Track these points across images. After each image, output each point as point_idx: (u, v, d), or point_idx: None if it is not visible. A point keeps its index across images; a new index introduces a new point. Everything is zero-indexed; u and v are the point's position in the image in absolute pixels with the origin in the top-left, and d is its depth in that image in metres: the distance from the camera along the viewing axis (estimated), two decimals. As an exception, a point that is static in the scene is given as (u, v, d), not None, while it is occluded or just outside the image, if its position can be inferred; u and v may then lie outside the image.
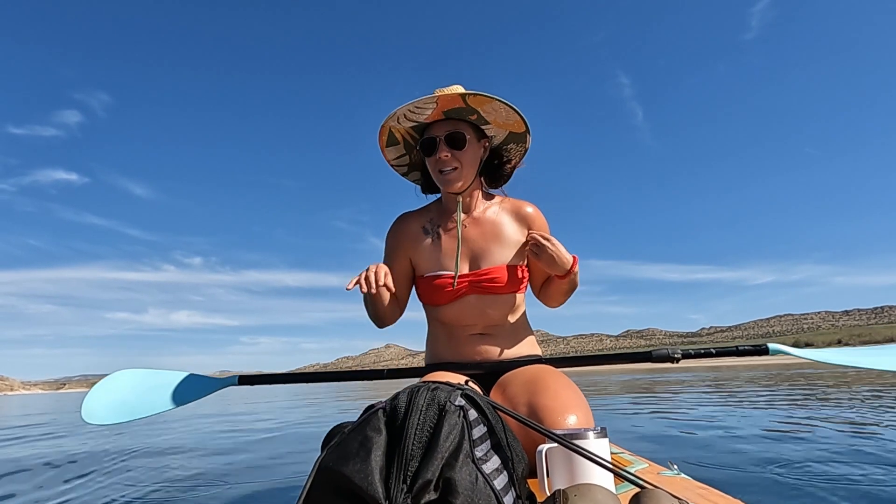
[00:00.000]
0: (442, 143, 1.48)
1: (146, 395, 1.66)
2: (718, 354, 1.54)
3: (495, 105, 1.45)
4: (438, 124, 1.50)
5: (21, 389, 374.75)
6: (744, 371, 17.38)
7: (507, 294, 1.54)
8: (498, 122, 1.51)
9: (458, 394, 0.81)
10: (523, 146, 1.60)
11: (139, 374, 1.75)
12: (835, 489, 2.19)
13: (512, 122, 1.52)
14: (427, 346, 1.67)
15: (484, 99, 1.43)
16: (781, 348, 1.56)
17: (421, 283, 1.59)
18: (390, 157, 1.61)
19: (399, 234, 1.62)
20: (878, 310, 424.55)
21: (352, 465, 0.71)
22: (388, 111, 1.45)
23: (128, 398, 1.65)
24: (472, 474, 0.72)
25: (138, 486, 3.06)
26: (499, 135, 1.56)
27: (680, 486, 1.10)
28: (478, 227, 1.56)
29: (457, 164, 1.49)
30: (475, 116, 1.49)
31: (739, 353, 1.52)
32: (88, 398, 1.63)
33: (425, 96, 1.42)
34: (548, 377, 1.36)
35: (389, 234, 1.64)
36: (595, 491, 0.75)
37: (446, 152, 1.48)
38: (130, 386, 1.70)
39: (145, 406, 1.63)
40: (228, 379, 1.70)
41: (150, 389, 1.68)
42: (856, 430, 3.91)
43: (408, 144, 1.59)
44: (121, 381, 1.72)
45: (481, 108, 1.46)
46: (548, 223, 1.60)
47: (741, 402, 6.93)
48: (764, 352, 1.51)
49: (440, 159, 1.48)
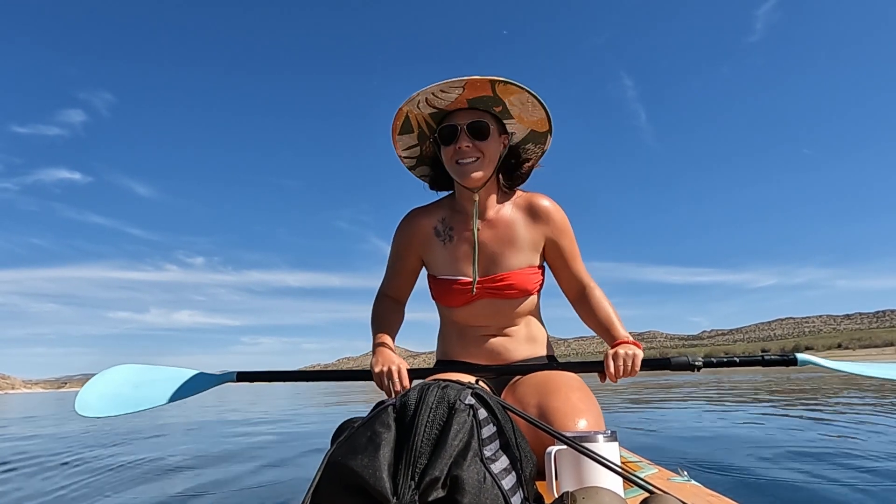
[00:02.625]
0: (463, 131, 1.39)
1: (142, 389, 1.65)
2: (742, 364, 1.45)
3: (523, 97, 1.38)
4: (461, 113, 1.41)
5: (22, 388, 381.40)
6: (755, 373, 17.17)
7: (521, 297, 1.51)
8: (522, 117, 1.44)
9: (469, 393, 0.81)
10: (542, 147, 1.53)
11: (137, 368, 1.73)
12: (847, 496, 2.15)
13: (535, 120, 1.45)
14: (438, 342, 1.67)
15: (513, 89, 1.36)
16: (811, 359, 1.46)
17: (434, 284, 1.56)
18: (401, 147, 1.52)
19: (409, 234, 1.57)
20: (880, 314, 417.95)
21: (360, 460, 0.71)
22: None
23: (123, 392, 1.63)
24: (480, 473, 0.72)
25: (142, 481, 3.10)
26: (519, 132, 1.48)
27: (689, 493, 1.09)
28: (493, 230, 1.50)
29: (478, 154, 1.40)
30: (500, 108, 1.41)
31: (765, 363, 1.43)
32: (84, 391, 1.61)
33: (453, 79, 1.33)
34: (559, 379, 1.35)
35: (399, 233, 1.59)
36: (603, 494, 0.74)
37: (468, 142, 1.39)
38: (127, 380, 1.68)
39: (140, 400, 1.61)
40: (226, 375, 1.67)
41: (146, 384, 1.66)
42: (868, 436, 3.84)
43: (422, 134, 1.49)
44: (117, 374, 1.70)
45: (508, 98, 1.38)
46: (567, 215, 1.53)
47: (752, 408, 6.84)
48: (792, 362, 1.43)
49: (460, 149, 1.40)
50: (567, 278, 1.56)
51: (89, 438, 5.38)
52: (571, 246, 1.54)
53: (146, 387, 1.66)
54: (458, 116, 1.41)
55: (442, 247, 1.53)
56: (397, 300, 1.65)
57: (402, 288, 1.64)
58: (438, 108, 1.41)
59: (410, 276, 1.62)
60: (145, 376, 1.70)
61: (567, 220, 1.52)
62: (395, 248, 1.60)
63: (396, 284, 1.64)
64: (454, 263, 1.51)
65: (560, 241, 1.51)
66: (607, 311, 1.50)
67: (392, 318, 1.60)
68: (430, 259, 1.57)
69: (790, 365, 1.43)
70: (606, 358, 1.36)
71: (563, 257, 1.53)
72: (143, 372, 1.72)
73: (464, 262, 1.50)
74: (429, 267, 1.59)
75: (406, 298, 1.67)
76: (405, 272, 1.61)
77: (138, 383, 1.67)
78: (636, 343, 1.40)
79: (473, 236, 1.48)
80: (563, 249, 1.52)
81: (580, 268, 1.56)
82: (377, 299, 1.66)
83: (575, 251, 1.55)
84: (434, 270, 1.56)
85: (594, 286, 1.56)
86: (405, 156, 1.56)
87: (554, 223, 1.50)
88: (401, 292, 1.65)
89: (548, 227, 1.50)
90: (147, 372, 1.72)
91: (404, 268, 1.60)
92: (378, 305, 1.63)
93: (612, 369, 1.34)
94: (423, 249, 1.57)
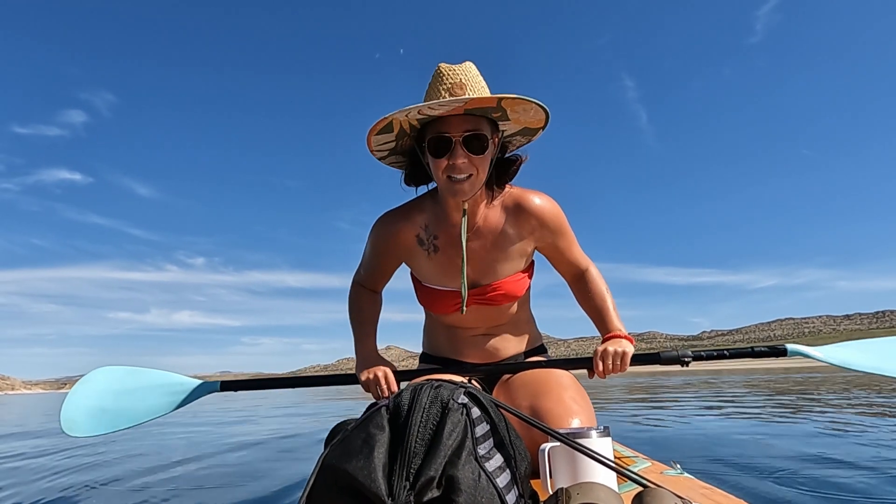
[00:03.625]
0: (459, 145, 1.23)
1: (126, 400, 1.58)
2: (732, 356, 1.45)
3: (528, 107, 1.25)
4: (455, 120, 1.23)
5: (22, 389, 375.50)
6: (746, 372, 17.34)
7: (510, 303, 1.49)
8: (520, 119, 1.30)
9: (461, 392, 0.81)
10: (529, 139, 1.39)
11: (117, 372, 1.66)
12: (840, 489, 2.18)
13: (532, 120, 1.31)
14: (424, 334, 1.63)
15: (519, 101, 1.22)
16: (801, 349, 1.46)
17: (420, 290, 1.51)
18: (375, 144, 1.33)
19: (389, 241, 1.45)
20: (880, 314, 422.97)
21: (355, 463, 0.71)
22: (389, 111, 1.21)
23: (107, 405, 1.56)
24: (475, 472, 0.72)
25: (135, 488, 3.07)
26: (510, 129, 1.34)
27: (683, 486, 1.10)
28: (480, 240, 1.40)
29: (473, 170, 1.25)
30: (499, 114, 1.27)
31: (755, 354, 1.43)
32: (66, 406, 1.52)
33: (456, 97, 1.19)
34: (551, 377, 1.36)
35: (376, 237, 1.47)
36: (598, 489, 0.75)
37: (463, 157, 1.23)
38: (108, 388, 1.61)
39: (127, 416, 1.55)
40: (211, 384, 1.60)
41: (129, 393, 1.60)
42: (859, 431, 3.89)
43: (401, 132, 1.31)
44: (98, 382, 1.62)
45: (511, 108, 1.25)
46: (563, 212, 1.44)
47: (743, 402, 6.91)
48: (781, 353, 1.41)
49: (455, 165, 1.23)
50: (564, 265, 1.52)
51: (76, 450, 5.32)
52: (566, 240, 1.47)
53: (130, 397, 1.59)
54: (452, 124, 1.24)
55: (426, 257, 1.44)
56: (374, 290, 1.59)
57: (378, 282, 1.58)
58: (429, 116, 1.24)
59: (388, 272, 1.55)
60: (127, 383, 1.63)
61: (560, 216, 1.43)
62: (372, 249, 1.50)
63: (373, 279, 1.57)
64: (441, 276, 1.44)
65: (553, 239, 1.45)
66: (602, 298, 1.48)
67: (371, 311, 1.55)
68: (414, 266, 1.51)
69: (780, 356, 1.42)
70: (595, 355, 1.36)
71: (558, 251, 1.48)
72: (124, 377, 1.65)
73: (451, 275, 1.43)
74: (413, 271, 1.53)
75: (382, 288, 1.60)
76: (382, 269, 1.54)
77: (120, 391, 1.60)
78: (627, 337, 1.39)
79: (462, 253, 1.36)
80: (557, 245, 1.46)
81: (577, 255, 1.51)
82: (354, 289, 1.58)
83: (570, 243, 1.48)
84: (419, 277, 1.50)
85: (591, 268, 1.53)
86: (376, 149, 1.36)
87: (545, 225, 1.41)
88: (377, 285, 1.58)
89: (538, 229, 1.42)
90: (128, 377, 1.65)
91: (381, 266, 1.53)
92: (355, 296, 1.57)
93: (601, 368, 1.33)
94: (406, 257, 1.49)
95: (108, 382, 1.63)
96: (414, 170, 1.40)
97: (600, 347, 1.36)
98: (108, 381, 1.63)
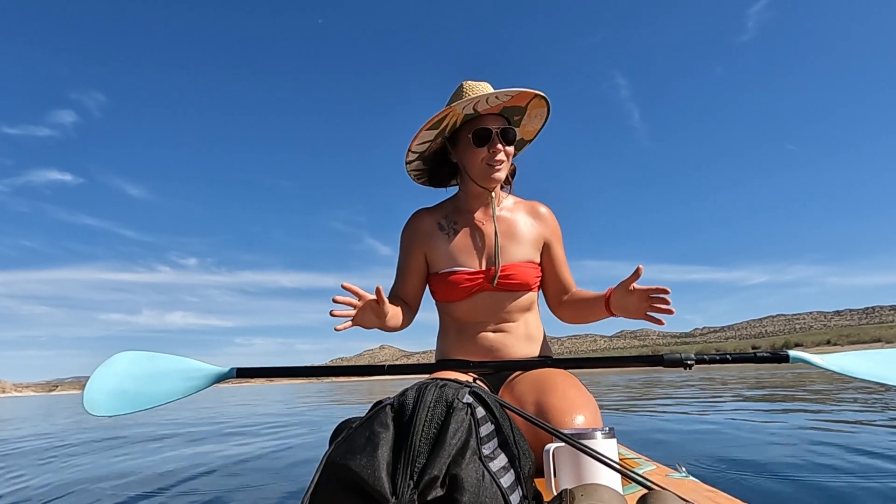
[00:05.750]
0: (497, 136, 1.47)
1: (145, 383, 1.64)
2: (735, 361, 1.46)
3: (541, 112, 1.54)
4: (490, 117, 1.49)
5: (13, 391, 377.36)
6: (751, 373, 17.24)
7: (521, 291, 1.55)
8: (525, 128, 1.59)
9: (466, 391, 0.81)
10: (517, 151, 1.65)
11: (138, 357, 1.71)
12: (845, 490, 2.16)
13: (529, 130, 1.60)
14: (438, 343, 1.67)
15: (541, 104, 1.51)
16: (803, 356, 1.46)
17: (434, 281, 1.59)
18: (418, 141, 1.50)
19: (414, 230, 1.62)
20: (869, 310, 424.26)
21: (359, 460, 0.71)
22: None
23: (127, 387, 1.62)
24: (479, 471, 0.72)
25: (139, 481, 3.09)
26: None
27: (688, 489, 1.09)
28: (498, 224, 1.56)
29: (506, 159, 1.50)
30: (518, 118, 1.55)
31: (757, 359, 1.45)
32: (90, 387, 1.59)
33: (523, 89, 1.43)
34: (556, 377, 1.36)
35: (404, 232, 1.64)
36: (602, 491, 0.74)
37: (501, 147, 1.48)
38: (128, 372, 1.67)
39: (146, 398, 1.60)
40: (227, 371, 1.66)
41: (148, 377, 1.66)
42: (863, 431, 3.86)
43: (442, 130, 1.51)
44: (120, 365, 1.68)
45: (531, 112, 1.53)
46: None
47: (749, 404, 6.87)
48: (783, 359, 1.43)
49: (494, 152, 1.47)
50: (553, 281, 1.64)
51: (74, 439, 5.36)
52: (562, 251, 1.65)
53: (149, 381, 1.65)
54: (490, 120, 1.48)
55: (445, 239, 1.58)
56: (406, 302, 1.63)
57: (411, 288, 1.63)
58: (477, 112, 1.47)
59: (418, 274, 1.62)
60: (147, 367, 1.69)
61: (559, 228, 1.64)
62: (402, 248, 1.65)
63: (405, 284, 1.63)
64: (455, 256, 1.55)
65: (554, 245, 1.62)
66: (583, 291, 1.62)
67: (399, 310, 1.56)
68: (432, 255, 1.59)
69: (782, 362, 1.45)
70: (643, 300, 1.36)
71: (552, 261, 1.63)
72: (144, 360, 1.71)
73: (466, 253, 1.55)
74: (431, 265, 1.60)
75: (416, 302, 1.66)
76: (413, 270, 1.61)
77: (139, 375, 1.66)
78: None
79: (493, 225, 1.54)
80: (554, 254, 1.62)
81: (567, 274, 1.65)
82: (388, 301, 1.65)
83: (564, 258, 1.65)
84: (436, 266, 1.58)
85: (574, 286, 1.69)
86: (416, 147, 1.53)
87: (551, 228, 1.62)
88: (410, 293, 1.63)
89: (546, 230, 1.61)
90: (147, 361, 1.70)
91: (412, 266, 1.62)
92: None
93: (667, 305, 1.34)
94: (427, 244, 1.60)
95: (129, 366, 1.68)
96: (439, 172, 1.63)
97: (637, 287, 1.36)
98: (129, 365, 1.69)
